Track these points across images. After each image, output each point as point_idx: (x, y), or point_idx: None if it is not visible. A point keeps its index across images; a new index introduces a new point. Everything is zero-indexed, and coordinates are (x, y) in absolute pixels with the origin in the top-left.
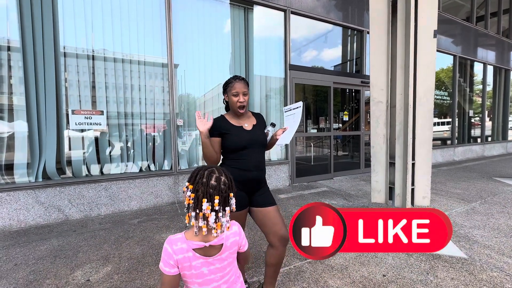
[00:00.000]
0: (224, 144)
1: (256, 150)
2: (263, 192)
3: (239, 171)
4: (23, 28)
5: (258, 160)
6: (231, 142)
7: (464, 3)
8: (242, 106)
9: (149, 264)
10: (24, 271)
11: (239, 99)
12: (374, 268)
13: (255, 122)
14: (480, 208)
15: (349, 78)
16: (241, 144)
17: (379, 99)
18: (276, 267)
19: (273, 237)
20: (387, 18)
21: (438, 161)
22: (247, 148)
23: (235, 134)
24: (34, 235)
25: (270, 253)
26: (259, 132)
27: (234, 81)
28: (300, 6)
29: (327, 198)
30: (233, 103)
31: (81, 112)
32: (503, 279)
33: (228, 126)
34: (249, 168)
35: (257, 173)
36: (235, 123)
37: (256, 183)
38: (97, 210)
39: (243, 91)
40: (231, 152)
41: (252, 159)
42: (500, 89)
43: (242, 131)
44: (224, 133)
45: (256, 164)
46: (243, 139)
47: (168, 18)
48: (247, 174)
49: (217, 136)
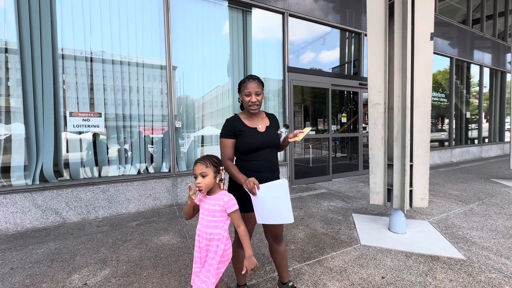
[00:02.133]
0: (236, 145)
1: (269, 151)
2: None
3: (251, 173)
4: (21, 29)
5: (270, 161)
6: (244, 143)
7: (460, 6)
8: (254, 105)
9: (147, 267)
10: (20, 275)
11: (251, 99)
12: (373, 270)
13: (268, 123)
14: (478, 210)
15: (347, 80)
16: (253, 145)
17: (377, 101)
18: (282, 262)
19: (269, 236)
20: (384, 21)
21: (436, 163)
22: (259, 150)
23: (249, 136)
24: (31, 239)
25: (272, 252)
26: (272, 133)
27: (248, 81)
28: (298, 9)
29: (325, 200)
30: (246, 102)
31: (79, 114)
32: (502, 280)
33: (242, 126)
34: (261, 170)
35: (269, 175)
36: (249, 124)
37: None
38: (94, 212)
39: (256, 91)
40: (243, 154)
41: (264, 161)
42: (496, 91)
43: (256, 133)
44: (239, 134)
45: (268, 166)
46: (255, 141)
47: (166, 20)
48: (259, 176)
49: (232, 137)
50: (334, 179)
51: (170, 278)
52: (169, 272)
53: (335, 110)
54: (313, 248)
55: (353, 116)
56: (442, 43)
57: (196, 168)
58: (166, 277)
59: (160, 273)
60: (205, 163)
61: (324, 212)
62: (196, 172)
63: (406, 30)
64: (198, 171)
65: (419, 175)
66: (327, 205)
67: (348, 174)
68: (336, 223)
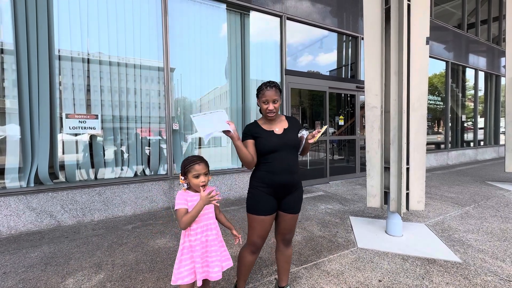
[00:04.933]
0: (255, 148)
1: (285, 153)
2: (293, 198)
3: (268, 174)
4: (17, 30)
5: (287, 163)
6: (261, 145)
7: (456, 10)
8: (271, 113)
9: (143, 271)
10: (13, 280)
11: (268, 106)
12: (370, 273)
13: (286, 126)
14: (474, 212)
15: (344, 83)
16: (270, 147)
17: (373, 104)
18: (286, 265)
19: (279, 236)
20: (380, 25)
21: (432, 165)
22: (276, 151)
23: (265, 138)
24: (25, 242)
25: (278, 253)
26: (290, 135)
27: (265, 89)
28: (296, 12)
29: (323, 203)
30: (263, 110)
31: (75, 116)
32: (497, 283)
33: (260, 130)
34: (278, 171)
35: (287, 176)
36: (266, 128)
37: (286, 187)
38: (90, 215)
39: (273, 98)
40: (261, 156)
41: (281, 162)
42: (491, 94)
43: (272, 135)
44: (257, 136)
45: (286, 167)
46: (272, 142)
47: (164, 21)
48: (276, 178)
49: (250, 138)
50: (332, 181)
51: (166, 282)
52: (165, 276)
53: (333, 113)
54: (310, 251)
55: (350, 119)
56: (437, 47)
57: (200, 168)
58: (162, 281)
59: (156, 277)
60: (206, 162)
61: (322, 214)
62: (201, 171)
63: (402, 34)
64: (203, 170)
65: (415, 178)
66: (325, 208)
67: (346, 177)
68: (333, 226)
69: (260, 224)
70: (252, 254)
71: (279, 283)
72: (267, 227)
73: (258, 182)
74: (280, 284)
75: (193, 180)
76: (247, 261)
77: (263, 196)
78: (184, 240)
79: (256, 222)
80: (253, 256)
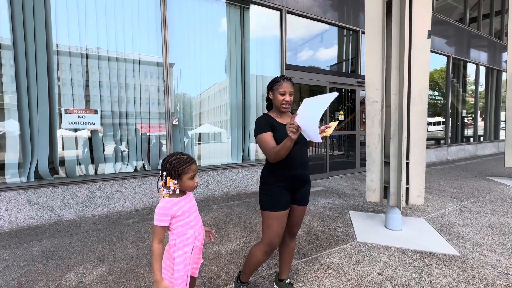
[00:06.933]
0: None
1: (299, 147)
2: (304, 191)
3: (285, 169)
4: (14, 25)
5: (301, 157)
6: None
7: (457, 4)
8: (287, 104)
9: (144, 265)
10: (15, 273)
11: (285, 98)
12: (369, 266)
13: None
14: (473, 207)
15: (345, 78)
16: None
17: (374, 98)
18: (289, 258)
19: (286, 230)
20: (382, 19)
21: (432, 160)
22: (293, 145)
23: (281, 132)
24: (26, 236)
25: (282, 246)
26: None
27: (282, 81)
28: (296, 6)
29: (323, 198)
30: (278, 101)
31: (74, 111)
32: (495, 276)
33: (275, 123)
34: (294, 166)
35: (302, 171)
36: (281, 121)
37: (300, 180)
38: (91, 210)
39: (290, 91)
40: None
41: (296, 157)
42: (492, 90)
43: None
44: (274, 128)
45: (300, 162)
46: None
47: (163, 16)
48: (292, 172)
49: (269, 130)
50: (331, 176)
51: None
52: None
53: (333, 108)
54: (310, 245)
55: (351, 114)
56: (439, 41)
57: (196, 167)
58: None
59: None
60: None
61: (321, 209)
62: (196, 170)
63: (403, 28)
64: (196, 170)
65: (415, 173)
66: (324, 203)
67: (345, 172)
68: (333, 220)
69: (277, 221)
70: (265, 255)
71: (279, 276)
72: (284, 223)
73: (274, 177)
74: (280, 277)
75: (188, 182)
76: (259, 261)
77: (280, 192)
78: (177, 253)
79: (274, 219)
80: (266, 257)
